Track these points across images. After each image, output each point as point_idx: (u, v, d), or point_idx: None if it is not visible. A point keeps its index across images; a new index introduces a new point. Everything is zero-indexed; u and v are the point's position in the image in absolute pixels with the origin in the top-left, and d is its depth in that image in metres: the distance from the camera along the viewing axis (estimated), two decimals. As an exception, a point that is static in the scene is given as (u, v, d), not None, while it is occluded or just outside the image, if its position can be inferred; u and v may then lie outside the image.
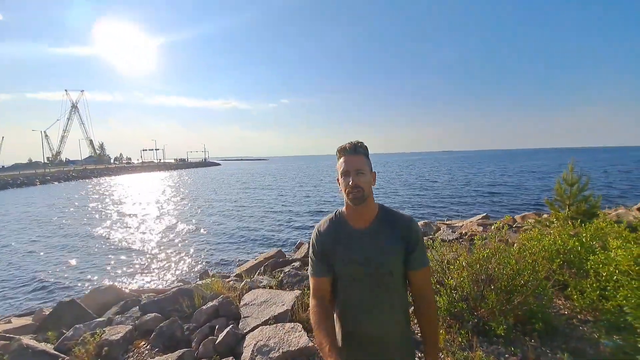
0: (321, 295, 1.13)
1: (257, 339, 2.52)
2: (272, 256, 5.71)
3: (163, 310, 3.23)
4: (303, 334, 2.52)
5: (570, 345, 2.34)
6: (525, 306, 2.51)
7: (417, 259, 1.10)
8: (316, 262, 1.15)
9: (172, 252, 9.38)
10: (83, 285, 6.71)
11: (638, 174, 31.96)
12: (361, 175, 1.06)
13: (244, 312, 3.06)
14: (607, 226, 3.37)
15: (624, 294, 2.20)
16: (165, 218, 14.90)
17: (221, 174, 53.04)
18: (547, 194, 19.49)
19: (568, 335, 2.48)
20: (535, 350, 2.29)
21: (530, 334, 2.46)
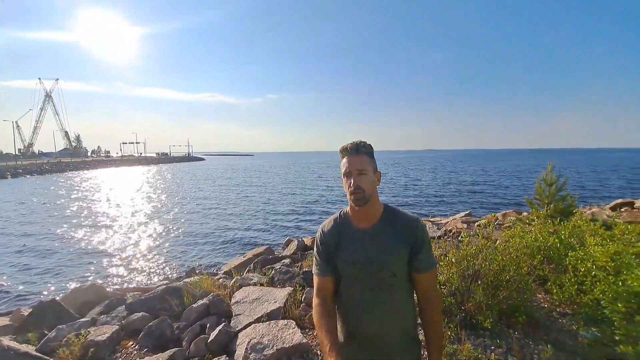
0: (324, 294, 1.14)
1: (250, 336, 2.51)
2: (261, 253, 5.67)
3: (151, 309, 3.15)
4: (297, 331, 2.53)
5: (551, 337, 2.47)
6: (510, 300, 2.62)
7: (422, 261, 1.08)
8: (320, 262, 1.16)
9: (155, 250, 9.11)
10: (62, 284, 6.41)
11: (608, 175, 33.91)
12: (363, 176, 1.05)
13: (236, 310, 3.04)
14: (584, 224, 3.56)
15: (601, 288, 2.33)
16: (146, 215, 14.42)
17: (205, 169, 51.97)
18: (525, 192, 20.34)
19: (549, 328, 2.62)
20: (519, 342, 2.40)
21: (514, 327, 2.58)
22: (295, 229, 11.68)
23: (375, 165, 1.12)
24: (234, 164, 77.59)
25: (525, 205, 13.48)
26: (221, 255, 8.69)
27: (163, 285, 4.76)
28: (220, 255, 8.70)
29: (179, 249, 9.17)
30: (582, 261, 2.80)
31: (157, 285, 4.82)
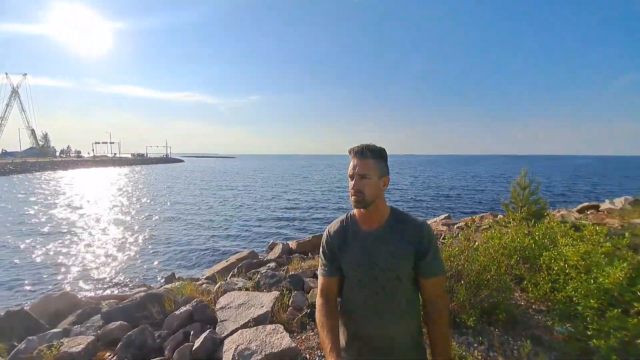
0: (327, 295, 1.15)
1: (237, 342, 2.45)
2: (245, 257, 5.56)
3: (130, 318, 3.00)
4: (285, 335, 2.50)
5: (528, 333, 2.59)
6: (491, 299, 2.73)
7: (428, 267, 1.07)
8: (325, 262, 1.17)
9: (130, 256, 8.68)
10: (30, 294, 5.95)
11: (574, 179, 36.27)
12: (364, 180, 1.05)
13: (221, 316, 2.96)
14: (555, 226, 3.78)
15: (573, 286, 2.48)
16: (120, 219, 13.73)
17: (184, 172, 50.40)
18: (498, 196, 21.31)
19: (526, 324, 2.75)
20: (499, 338, 2.50)
21: (494, 324, 2.69)
22: (277, 233, 11.55)
23: (382, 170, 1.09)
24: (215, 166, 75.81)
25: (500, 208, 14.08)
26: (201, 261, 8.44)
27: (141, 292, 4.56)
28: (201, 261, 8.44)
29: (156, 255, 8.79)
30: (555, 260, 2.97)
31: (135, 292, 4.61)
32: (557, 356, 2.24)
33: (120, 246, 9.57)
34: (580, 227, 3.73)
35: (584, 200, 14.73)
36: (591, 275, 2.41)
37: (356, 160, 1.07)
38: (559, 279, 2.82)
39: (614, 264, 2.33)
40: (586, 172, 51.39)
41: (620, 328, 1.89)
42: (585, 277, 2.42)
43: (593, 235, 3.09)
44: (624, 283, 2.05)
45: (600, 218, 6.01)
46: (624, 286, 2.05)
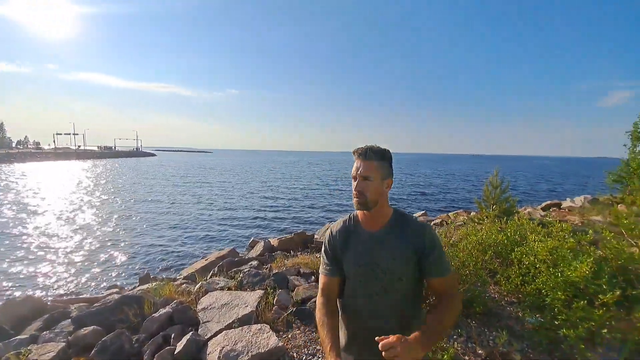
0: (328, 295, 1.15)
1: (222, 344, 2.40)
2: (225, 255, 5.43)
3: (104, 322, 2.83)
4: (272, 335, 2.48)
5: (502, 324, 2.76)
6: (469, 293, 2.87)
7: (433, 267, 1.06)
8: (327, 262, 1.17)
9: (100, 256, 8.17)
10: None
11: (537, 178, 38.89)
12: (366, 182, 1.05)
13: (203, 317, 2.88)
14: (525, 223, 4.03)
15: (542, 279, 2.67)
16: (87, 216, 12.86)
17: (157, 166, 48.09)
18: (470, 194, 22.41)
19: (499, 315, 2.92)
20: (477, 330, 2.65)
21: (472, 317, 2.83)
22: (257, 231, 11.37)
23: (386, 171, 1.09)
24: (190, 161, 73.08)
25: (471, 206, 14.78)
26: (177, 260, 8.11)
27: (114, 294, 4.32)
28: (176, 260, 8.11)
29: (127, 255, 8.33)
30: (526, 255, 3.17)
31: (106, 294, 4.35)
32: (528, 345, 2.40)
33: (87, 246, 8.96)
34: (547, 224, 4.01)
35: (545, 198, 15.85)
36: (558, 269, 2.60)
37: (359, 162, 1.07)
38: (529, 273, 3.01)
39: (579, 258, 2.53)
40: (548, 172, 55.37)
41: (586, 319, 2.06)
42: (553, 271, 2.60)
43: (559, 231, 3.34)
44: (589, 276, 2.23)
45: (563, 215, 6.50)
46: (589, 279, 2.23)
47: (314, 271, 3.90)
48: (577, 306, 2.17)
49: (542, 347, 2.32)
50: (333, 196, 20.01)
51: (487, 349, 2.35)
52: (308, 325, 2.76)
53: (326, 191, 22.53)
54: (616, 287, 2.14)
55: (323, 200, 18.32)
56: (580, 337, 2.04)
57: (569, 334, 2.08)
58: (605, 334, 2.02)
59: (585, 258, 2.39)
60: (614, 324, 2.02)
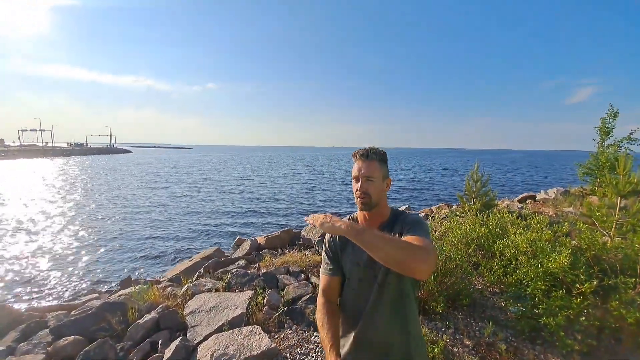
0: (328, 295, 1.18)
1: (212, 348, 2.35)
2: (211, 255, 5.31)
3: (85, 331, 2.69)
4: (264, 336, 2.46)
5: (486, 314, 2.88)
6: (455, 285, 2.96)
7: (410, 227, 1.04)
8: (328, 262, 1.20)
9: (74, 259, 7.74)
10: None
11: (512, 172, 40.74)
12: (370, 182, 1.08)
13: (192, 321, 2.80)
14: (505, 216, 4.20)
15: (523, 270, 2.80)
16: (58, 218, 12.09)
17: (132, 163, 46.04)
18: (449, 187, 23.15)
19: (484, 306, 3.04)
20: (464, 321, 2.74)
21: (459, 309, 2.93)
22: (240, 229, 11.17)
23: (385, 172, 1.13)
24: (168, 157, 70.56)
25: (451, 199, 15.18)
26: (158, 262, 7.83)
27: (93, 299, 4.12)
28: (158, 262, 7.83)
29: (104, 257, 7.93)
30: (507, 247, 3.32)
31: (85, 300, 4.14)
32: (512, 334, 2.52)
33: (60, 250, 8.44)
34: (525, 216, 4.21)
35: (520, 191, 16.64)
36: (538, 260, 2.74)
37: (361, 163, 1.10)
38: (511, 264, 3.15)
39: (557, 249, 2.67)
40: (519, 165, 58.09)
41: (565, 307, 2.18)
42: (533, 262, 2.74)
43: (537, 224, 3.51)
44: (567, 267, 2.36)
45: (538, 207, 6.85)
46: (567, 270, 2.36)
47: (304, 269, 3.89)
48: (556, 295, 2.30)
49: (525, 335, 2.45)
50: (317, 192, 20.02)
51: (474, 340, 2.44)
52: (300, 325, 2.76)
53: (310, 187, 22.50)
54: (593, 277, 2.27)
55: (307, 196, 18.29)
56: (559, 324, 2.17)
57: (549, 322, 2.20)
58: (583, 322, 2.15)
59: (562, 249, 2.53)
60: (591, 312, 2.16)
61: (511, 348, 2.30)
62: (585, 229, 2.87)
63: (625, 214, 3.13)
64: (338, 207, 15.57)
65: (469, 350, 2.32)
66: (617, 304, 2.07)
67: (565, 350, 2.16)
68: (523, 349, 2.30)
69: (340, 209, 15.07)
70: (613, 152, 6.22)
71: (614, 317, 2.06)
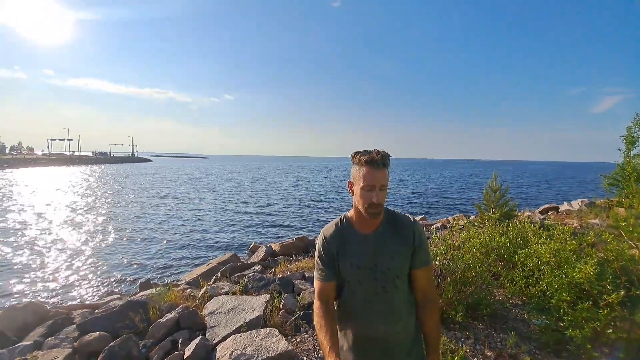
0: (325, 299, 1.15)
1: (231, 348, 2.39)
2: (228, 260, 5.41)
3: (109, 328, 2.81)
4: (281, 339, 2.48)
5: (508, 326, 2.78)
6: (475, 295, 2.90)
7: (420, 259, 1.12)
8: (322, 267, 1.15)
9: (97, 262, 8.06)
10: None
11: (533, 183, 39.38)
12: (383, 192, 1.04)
13: (210, 322, 2.87)
14: (527, 226, 4.09)
15: (547, 280, 2.71)
16: (81, 222, 12.67)
17: (152, 172, 47.73)
18: (466, 198, 22.59)
19: (505, 317, 2.95)
20: (484, 332, 2.67)
21: (479, 319, 2.86)
22: (254, 236, 11.31)
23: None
24: (186, 166, 72.68)
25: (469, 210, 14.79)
26: (175, 266, 8.03)
27: (115, 299, 4.28)
28: (174, 266, 8.02)
29: (124, 261, 8.22)
30: (530, 258, 3.22)
31: (108, 300, 4.31)
32: (535, 346, 2.43)
33: (83, 253, 8.82)
34: (549, 227, 4.08)
35: (542, 202, 16.02)
36: (562, 271, 2.65)
37: (377, 171, 1.02)
38: (533, 275, 3.06)
39: (583, 260, 2.58)
40: (543, 176, 56.02)
41: (591, 319, 2.10)
42: (557, 273, 2.65)
43: (560, 234, 3.40)
44: (593, 278, 2.28)
45: (561, 219, 6.59)
46: (593, 280, 2.28)
47: (319, 275, 3.90)
48: (582, 307, 2.22)
49: (549, 348, 2.35)
50: (329, 201, 20.02)
51: (495, 351, 2.37)
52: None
53: (322, 197, 22.54)
54: (620, 287, 2.18)
55: (319, 205, 18.33)
56: (586, 337, 2.08)
57: (575, 335, 2.12)
58: (611, 334, 2.06)
59: (588, 260, 2.45)
60: (619, 324, 2.07)
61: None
62: (611, 240, 2.77)
63: (656, 225, 2.99)
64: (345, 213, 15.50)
65: (491, 361, 2.26)
66: (648, 317, 1.98)
67: (593, 365, 2.07)
68: (548, 362, 2.22)
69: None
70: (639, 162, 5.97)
71: (644, 329, 1.97)
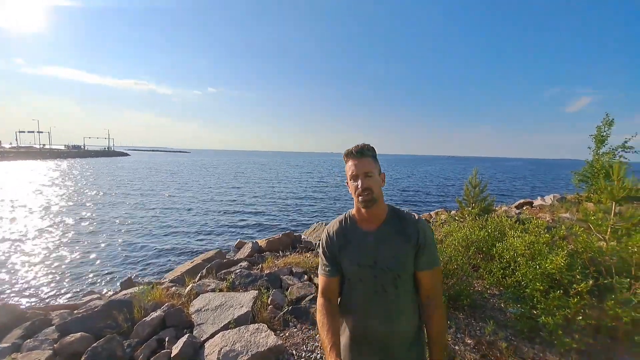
0: (328, 295, 1.16)
1: (220, 345, 2.39)
2: (213, 257, 5.34)
3: (91, 328, 2.73)
4: (270, 334, 2.50)
5: (487, 314, 2.94)
6: (457, 286, 3.03)
7: (426, 259, 1.09)
8: (326, 263, 1.17)
9: (72, 261, 7.70)
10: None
11: (509, 179, 41.12)
12: (369, 178, 1.06)
13: (198, 319, 2.85)
14: (504, 220, 4.29)
15: (522, 271, 2.87)
16: (55, 219, 11.99)
17: (130, 166, 45.90)
18: (446, 193, 23.30)
19: (484, 307, 3.10)
20: (464, 321, 2.80)
21: (459, 309, 2.99)
22: (239, 232, 11.17)
23: (379, 167, 1.14)
24: (166, 161, 70.43)
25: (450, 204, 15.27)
26: (157, 264, 7.79)
27: (95, 299, 4.15)
28: (156, 264, 7.79)
29: (102, 260, 7.88)
30: (506, 250, 3.40)
31: (87, 300, 4.16)
32: (512, 333, 2.58)
33: (57, 251, 8.39)
34: (524, 220, 4.30)
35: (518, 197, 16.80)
36: (536, 262, 2.82)
37: (356, 161, 1.08)
38: (509, 266, 3.23)
39: (554, 251, 2.75)
40: (518, 172, 58.59)
41: (562, 307, 2.25)
42: (531, 264, 2.82)
43: (535, 227, 3.60)
44: (563, 268, 2.45)
45: (535, 213, 6.95)
46: (563, 271, 2.45)
47: (307, 270, 3.94)
48: (554, 296, 2.38)
49: (524, 334, 2.51)
50: (314, 197, 20.07)
51: (475, 338, 2.50)
52: (305, 323, 2.81)
53: (307, 192, 22.56)
54: (588, 277, 2.35)
55: (304, 201, 18.33)
56: (557, 324, 2.24)
57: (547, 322, 2.27)
58: (580, 321, 2.22)
59: (559, 251, 2.61)
60: (588, 312, 2.23)
61: (511, 347, 2.36)
62: (581, 233, 2.97)
63: (620, 218, 3.23)
64: (332, 211, 15.59)
65: (471, 349, 2.38)
66: (613, 304, 2.15)
67: (563, 349, 2.23)
68: (523, 348, 2.37)
69: (332, 214, 15.07)
70: (608, 159, 6.37)
71: (610, 316, 2.13)
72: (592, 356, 2.20)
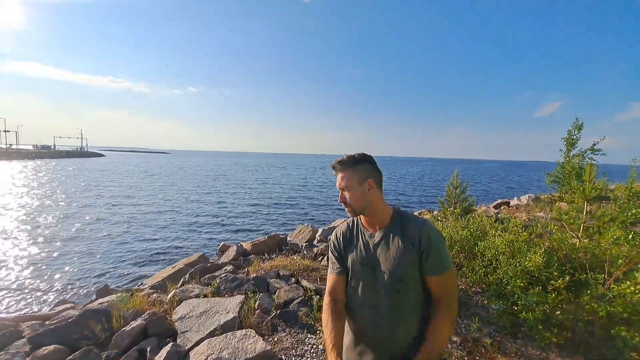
0: (335, 294, 1.19)
1: (206, 353, 2.32)
2: (196, 261, 5.18)
3: (66, 340, 2.57)
4: (258, 339, 2.45)
5: (471, 312, 3.02)
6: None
7: (431, 265, 1.05)
8: (334, 261, 1.22)
9: (43, 268, 7.21)
10: None
11: (487, 179, 42.75)
12: (346, 192, 1.12)
13: (181, 327, 2.74)
14: (484, 219, 4.45)
15: (503, 269, 2.98)
16: (22, 224, 11.27)
17: (105, 168, 43.78)
18: (427, 194, 23.92)
19: (468, 304, 3.19)
20: (450, 320, 2.87)
21: (445, 308, 3.06)
22: (221, 235, 10.90)
23: (363, 174, 1.11)
24: (144, 162, 67.81)
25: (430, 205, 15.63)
26: (135, 270, 7.43)
27: (68, 309, 3.91)
28: (134, 270, 7.42)
29: (75, 267, 7.42)
30: (488, 249, 3.51)
31: (60, 310, 3.91)
32: (495, 329, 2.67)
33: (24, 259, 7.86)
34: (502, 220, 4.48)
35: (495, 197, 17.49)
36: (516, 260, 2.94)
37: (337, 174, 1.15)
38: (491, 265, 3.34)
39: (532, 249, 2.87)
40: (494, 173, 61.13)
41: (541, 302, 2.35)
42: (511, 262, 2.93)
43: (514, 226, 3.75)
44: (541, 265, 2.56)
45: (512, 212, 7.26)
46: (541, 268, 2.56)
47: (294, 273, 3.90)
48: (533, 292, 2.48)
49: (507, 330, 2.60)
50: (298, 198, 20.00)
51: (461, 336, 2.56)
52: (293, 327, 2.77)
53: (292, 194, 22.44)
54: (565, 273, 2.47)
55: (288, 202, 18.21)
56: (537, 319, 2.33)
57: (527, 317, 2.36)
58: (559, 316, 2.33)
59: (537, 249, 2.73)
60: (565, 306, 2.34)
61: (495, 343, 2.44)
62: (556, 231, 3.12)
63: (591, 217, 3.42)
64: (316, 213, 15.55)
65: (457, 346, 2.44)
66: (589, 299, 2.26)
67: (544, 343, 2.33)
68: (506, 343, 2.45)
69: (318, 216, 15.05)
70: (578, 161, 6.76)
71: (586, 310, 2.24)
72: (570, 349, 2.31)
